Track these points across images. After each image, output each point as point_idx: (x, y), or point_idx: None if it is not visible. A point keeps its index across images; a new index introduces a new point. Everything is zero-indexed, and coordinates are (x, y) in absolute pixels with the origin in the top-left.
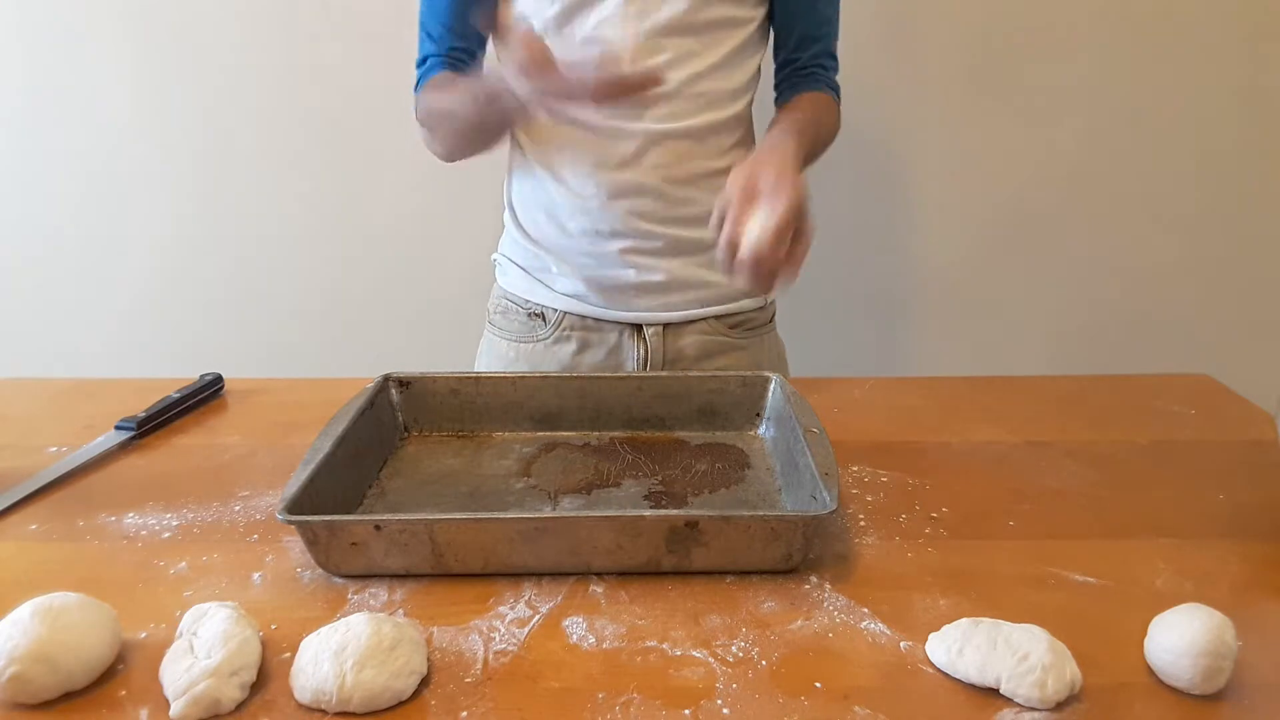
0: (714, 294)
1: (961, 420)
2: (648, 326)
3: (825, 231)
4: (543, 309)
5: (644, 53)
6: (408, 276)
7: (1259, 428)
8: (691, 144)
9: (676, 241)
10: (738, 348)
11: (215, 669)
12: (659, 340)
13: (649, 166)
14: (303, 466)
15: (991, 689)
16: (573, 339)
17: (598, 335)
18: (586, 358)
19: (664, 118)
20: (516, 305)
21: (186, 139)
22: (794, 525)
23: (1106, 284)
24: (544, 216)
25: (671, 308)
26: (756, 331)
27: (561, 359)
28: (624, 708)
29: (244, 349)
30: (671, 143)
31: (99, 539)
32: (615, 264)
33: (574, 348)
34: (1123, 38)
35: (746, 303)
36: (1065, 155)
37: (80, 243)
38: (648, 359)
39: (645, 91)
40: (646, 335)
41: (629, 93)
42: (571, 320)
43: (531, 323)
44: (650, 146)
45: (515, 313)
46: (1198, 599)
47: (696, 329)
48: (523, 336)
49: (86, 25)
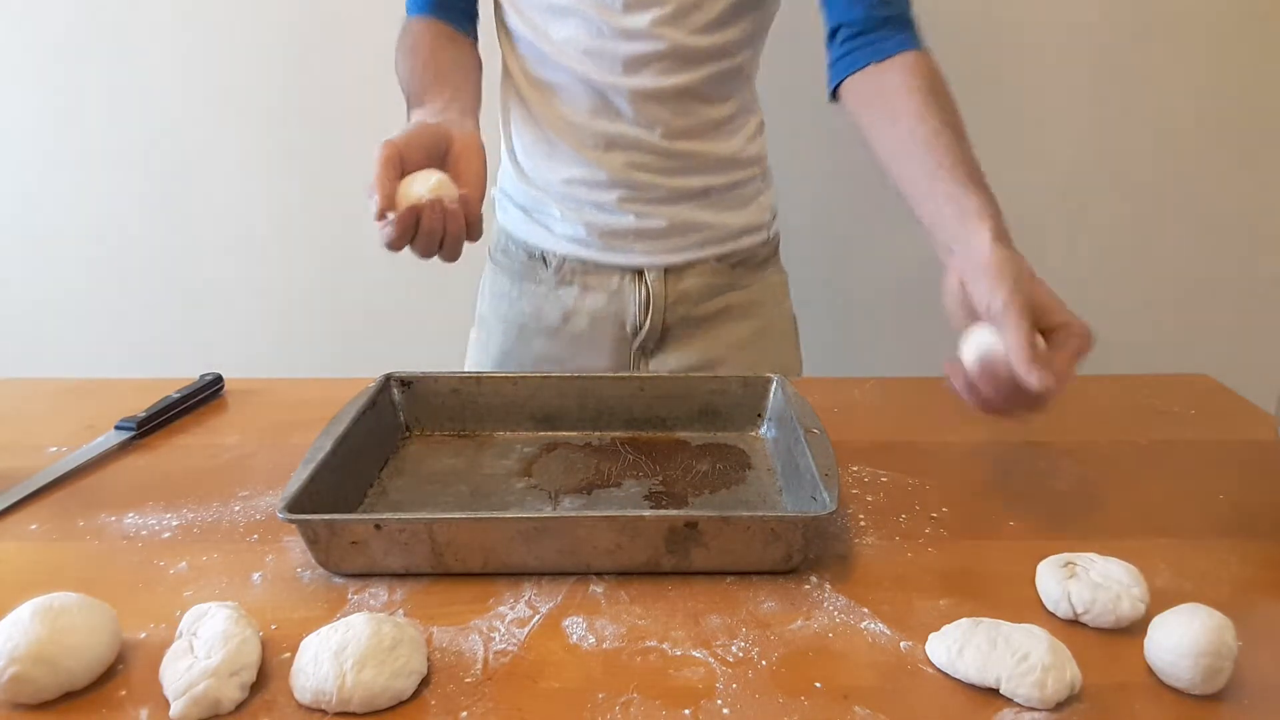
0: (714, 235)
1: (961, 420)
2: (649, 270)
3: (825, 231)
4: (543, 251)
5: (634, 5)
6: (408, 276)
7: (1259, 428)
8: (689, 100)
9: (676, 190)
10: (739, 285)
11: (215, 669)
12: (660, 284)
13: (646, 122)
14: (303, 465)
15: (991, 689)
16: (574, 283)
17: (599, 279)
18: (589, 301)
19: (659, 74)
20: (516, 244)
21: (186, 138)
22: (794, 526)
23: (1106, 284)
24: (543, 162)
25: (672, 251)
26: (758, 269)
27: (565, 303)
28: (624, 708)
29: (244, 349)
30: (669, 99)
31: (99, 539)
32: (614, 211)
33: (576, 291)
34: (1123, 38)
35: (746, 240)
36: (1065, 155)
37: (80, 242)
38: (650, 302)
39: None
40: (648, 279)
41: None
42: (573, 265)
43: (533, 263)
44: (646, 103)
45: (516, 252)
46: (1198, 599)
47: (697, 271)
48: (525, 276)
49: (87, 25)
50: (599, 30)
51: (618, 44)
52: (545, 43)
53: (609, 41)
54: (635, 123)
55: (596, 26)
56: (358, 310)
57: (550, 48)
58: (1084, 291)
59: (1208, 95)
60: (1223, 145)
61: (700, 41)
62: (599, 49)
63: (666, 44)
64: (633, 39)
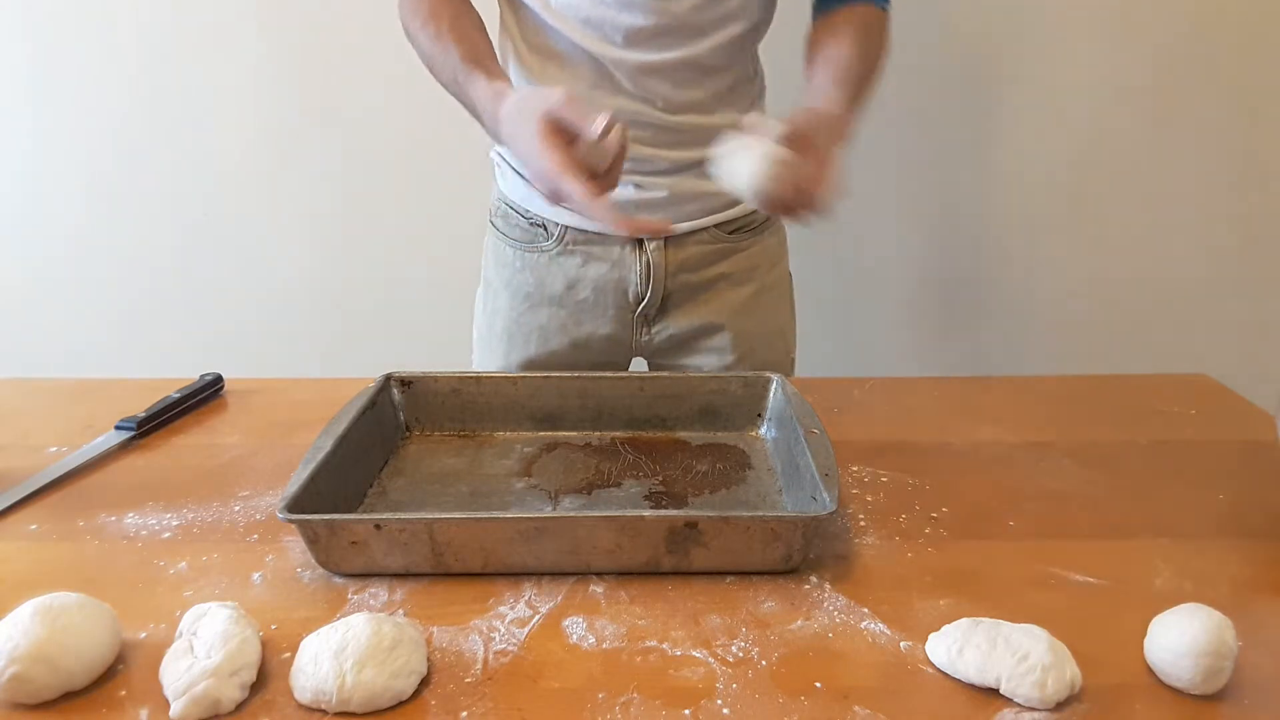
0: (715, 203)
1: (961, 420)
2: (649, 240)
3: (825, 231)
4: (544, 220)
5: None
6: (408, 276)
7: (1259, 428)
8: (690, 72)
9: (677, 161)
10: (738, 249)
11: (215, 669)
12: (660, 254)
13: (646, 96)
14: (304, 465)
15: (991, 689)
16: (576, 253)
17: (600, 248)
18: (591, 271)
19: (659, 48)
20: (517, 212)
21: (186, 139)
22: (794, 526)
23: (1107, 284)
24: None
25: (673, 220)
26: (757, 231)
27: (567, 272)
28: (624, 708)
29: (244, 349)
30: (669, 72)
31: (99, 539)
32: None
33: (579, 260)
34: (1123, 38)
35: (745, 206)
36: (1066, 155)
37: (80, 243)
38: (649, 272)
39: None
40: (648, 249)
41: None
42: (574, 234)
43: (533, 230)
44: (649, 76)
45: (516, 219)
46: (1198, 599)
47: (697, 239)
48: (526, 244)
49: (87, 25)
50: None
51: (618, 13)
52: (546, 10)
53: (610, 11)
54: (635, 97)
55: None
56: (358, 310)
57: (550, 15)
58: (1084, 291)
59: (1208, 95)
60: (1224, 145)
61: (700, 16)
62: (599, 18)
63: (668, 19)
64: (632, 9)
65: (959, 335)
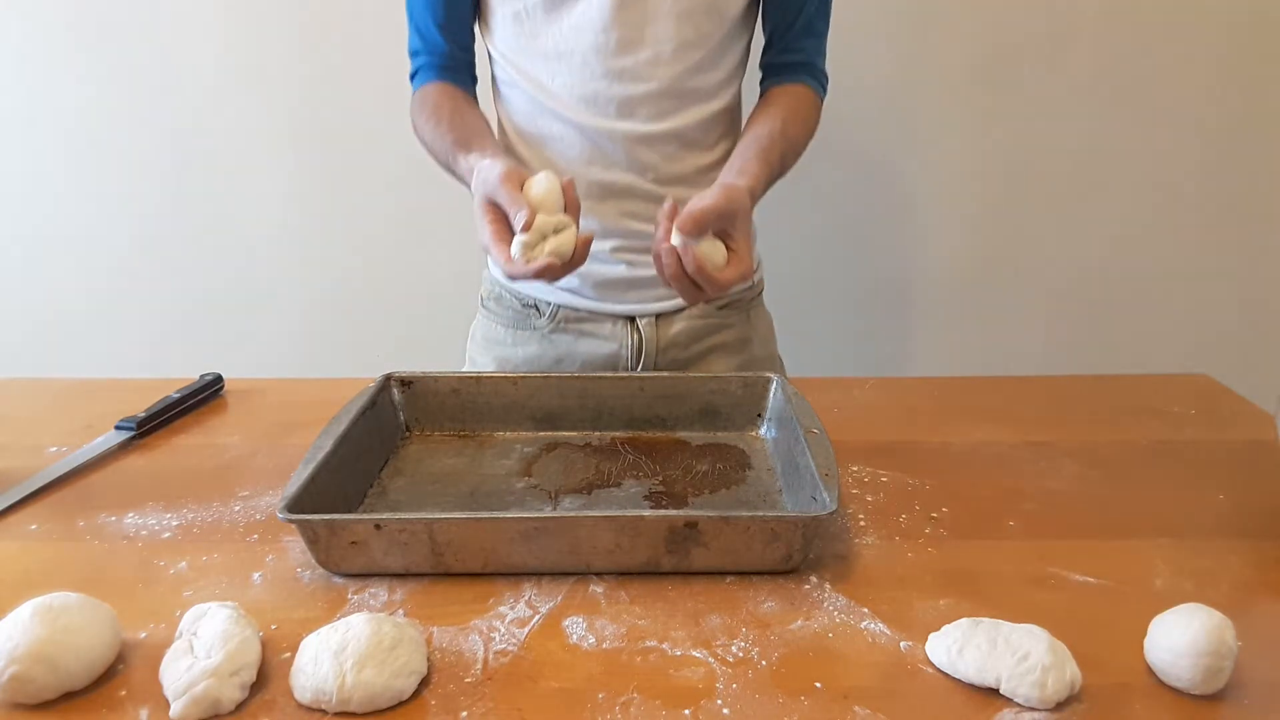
0: None
1: (961, 420)
2: (640, 317)
3: (825, 231)
4: (536, 300)
5: (629, 45)
6: (408, 276)
7: (1259, 428)
8: (679, 145)
9: None
10: (727, 325)
11: (215, 669)
12: (652, 329)
13: (638, 167)
14: (304, 465)
15: (991, 689)
16: (569, 330)
17: (593, 325)
18: (583, 347)
19: (650, 118)
20: (510, 294)
21: (185, 139)
22: (793, 526)
23: (1107, 284)
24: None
25: (664, 298)
26: (744, 308)
27: (560, 348)
28: (624, 708)
29: (244, 349)
30: (659, 144)
31: (99, 539)
32: (607, 260)
33: (571, 338)
34: (1124, 38)
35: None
36: (1066, 155)
37: (80, 243)
38: (642, 347)
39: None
40: (640, 325)
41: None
42: (566, 313)
43: (526, 311)
44: (638, 148)
45: (509, 301)
46: (1198, 599)
47: (687, 314)
48: (519, 324)
49: (87, 25)
50: (594, 73)
51: (612, 85)
52: (541, 93)
53: (603, 83)
54: (628, 169)
55: (591, 69)
56: (358, 310)
57: (546, 97)
58: (1084, 291)
59: (1209, 95)
60: (1223, 145)
61: (689, 82)
62: (594, 93)
63: (658, 84)
64: (625, 80)
65: (959, 335)
